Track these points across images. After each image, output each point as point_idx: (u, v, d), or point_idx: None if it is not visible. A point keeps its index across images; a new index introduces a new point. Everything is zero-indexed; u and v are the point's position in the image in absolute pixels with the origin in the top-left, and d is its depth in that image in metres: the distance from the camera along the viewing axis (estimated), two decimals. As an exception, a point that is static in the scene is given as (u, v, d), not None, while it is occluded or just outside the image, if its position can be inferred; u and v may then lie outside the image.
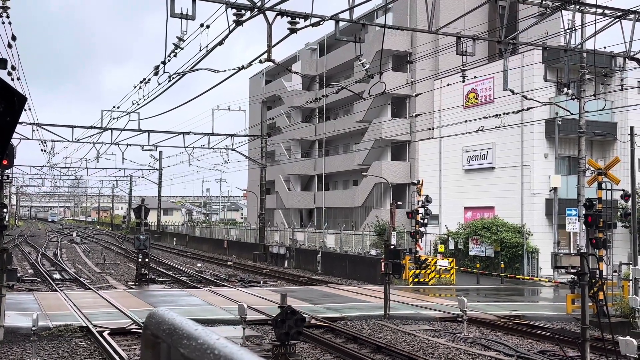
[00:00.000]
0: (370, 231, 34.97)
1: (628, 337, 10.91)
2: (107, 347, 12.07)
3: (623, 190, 19.35)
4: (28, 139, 34.24)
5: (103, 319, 15.13)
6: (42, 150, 38.29)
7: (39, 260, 34.61)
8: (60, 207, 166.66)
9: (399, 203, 40.89)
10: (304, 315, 12.04)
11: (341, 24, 14.41)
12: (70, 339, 13.43)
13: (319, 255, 31.01)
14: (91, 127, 33.35)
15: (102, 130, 33.24)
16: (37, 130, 33.38)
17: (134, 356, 11.56)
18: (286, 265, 33.87)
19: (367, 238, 33.38)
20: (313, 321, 15.38)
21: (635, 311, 16.38)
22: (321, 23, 13.53)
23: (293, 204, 56.15)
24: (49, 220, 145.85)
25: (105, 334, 13.31)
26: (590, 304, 12.54)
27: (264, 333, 14.44)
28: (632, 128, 21.43)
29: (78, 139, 35.18)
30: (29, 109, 29.30)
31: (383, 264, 17.80)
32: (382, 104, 44.44)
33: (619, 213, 22.05)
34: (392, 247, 18.51)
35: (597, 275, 15.60)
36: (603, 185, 17.26)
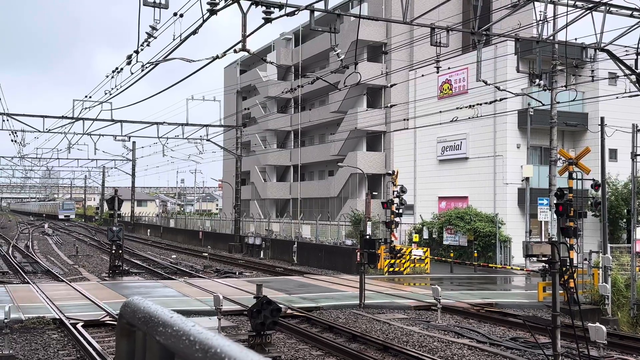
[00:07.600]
0: (345, 221, 35.09)
1: (598, 324, 11.16)
2: (81, 339, 11.96)
3: (593, 179, 19.67)
4: (-2, 129, 33.61)
5: (76, 311, 14.97)
6: (12, 140, 37.62)
7: (10, 252, 34.06)
8: (31, 197, 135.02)
9: (374, 193, 41.13)
10: (280, 306, 12.07)
11: (316, 14, 14.37)
12: (43, 331, 13.28)
13: (295, 245, 31.04)
14: (62, 117, 32.82)
15: (73, 120, 32.73)
16: (7, 120, 32.80)
17: (108, 348, 11.47)
18: (262, 256, 33.83)
19: (342, 228, 33.48)
20: (289, 311, 15.42)
21: (605, 298, 16.73)
22: (296, 13, 13.48)
23: (269, 195, 56.04)
24: (61, 216, 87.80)
25: (78, 326, 13.18)
26: (561, 291, 12.78)
27: (240, 323, 14.45)
28: (602, 118, 21.77)
29: (49, 129, 34.60)
30: (-1, 99, 28.71)
31: (358, 253, 17.89)
32: (357, 95, 44.49)
33: (589, 202, 22.41)
34: (368, 237, 18.61)
35: (568, 264, 15.89)
36: (574, 175, 17.54)
